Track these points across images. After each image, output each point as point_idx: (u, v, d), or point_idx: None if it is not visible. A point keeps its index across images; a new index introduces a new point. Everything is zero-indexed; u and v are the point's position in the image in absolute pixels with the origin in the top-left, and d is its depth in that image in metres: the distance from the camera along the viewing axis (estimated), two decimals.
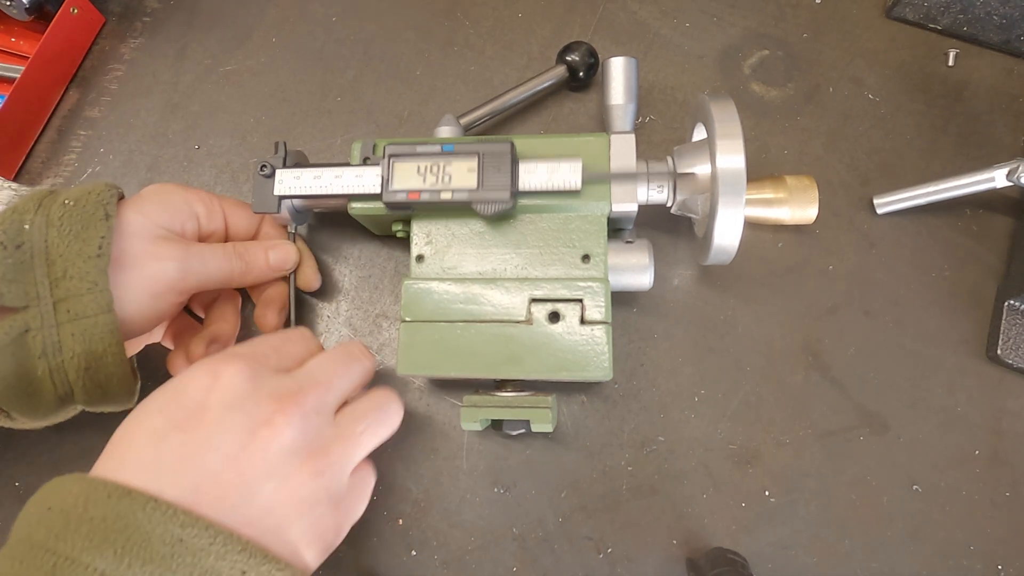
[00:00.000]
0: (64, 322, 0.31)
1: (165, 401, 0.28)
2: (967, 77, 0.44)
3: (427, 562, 0.38)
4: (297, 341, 0.33)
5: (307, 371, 0.31)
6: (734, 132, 0.33)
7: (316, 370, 0.31)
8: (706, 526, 0.38)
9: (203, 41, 0.48)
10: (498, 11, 0.47)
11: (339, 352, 0.33)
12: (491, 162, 0.34)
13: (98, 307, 0.31)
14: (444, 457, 0.40)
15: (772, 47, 0.45)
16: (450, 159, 0.35)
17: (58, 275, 0.31)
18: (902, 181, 0.41)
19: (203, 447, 0.26)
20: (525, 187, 0.34)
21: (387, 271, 0.43)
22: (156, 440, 0.26)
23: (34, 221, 0.31)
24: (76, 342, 0.31)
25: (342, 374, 0.32)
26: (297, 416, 0.28)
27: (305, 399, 0.29)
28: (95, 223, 0.32)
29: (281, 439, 0.27)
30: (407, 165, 0.35)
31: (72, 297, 0.31)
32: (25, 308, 0.30)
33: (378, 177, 0.35)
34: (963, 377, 0.39)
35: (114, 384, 0.33)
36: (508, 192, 0.34)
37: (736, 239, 0.33)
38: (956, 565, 0.37)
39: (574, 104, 0.45)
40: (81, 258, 0.31)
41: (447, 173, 0.35)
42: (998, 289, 0.40)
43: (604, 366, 0.33)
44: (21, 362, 0.31)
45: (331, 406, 0.31)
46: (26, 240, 0.31)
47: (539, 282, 0.35)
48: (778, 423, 0.39)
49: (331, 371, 0.31)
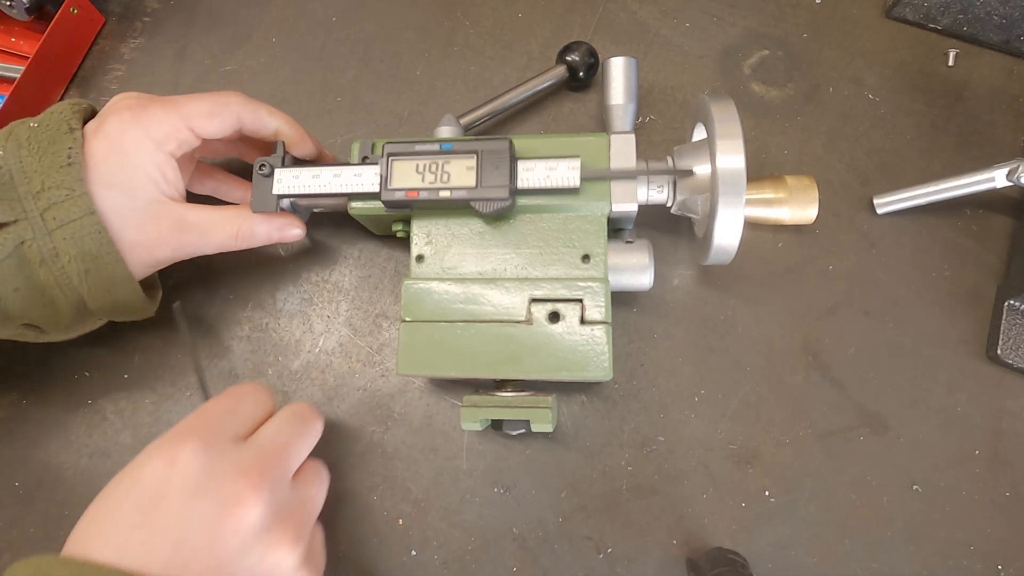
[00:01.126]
0: (54, 228, 0.32)
1: (123, 493, 0.28)
2: (967, 77, 0.44)
3: (427, 562, 0.38)
4: (251, 400, 0.33)
5: (266, 438, 0.31)
6: (734, 132, 0.33)
7: (275, 437, 0.31)
8: (706, 526, 0.38)
9: (203, 41, 0.48)
10: (498, 11, 0.47)
11: (292, 416, 0.33)
12: (490, 160, 0.34)
13: (79, 210, 0.32)
14: (444, 457, 0.40)
15: (772, 47, 0.45)
16: (449, 158, 0.35)
17: (37, 188, 0.32)
18: (902, 181, 0.41)
19: (168, 540, 0.26)
20: (524, 185, 0.34)
21: (387, 271, 0.43)
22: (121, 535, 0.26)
23: (6, 146, 0.33)
24: (69, 245, 0.32)
25: (298, 440, 0.32)
26: (266, 490, 0.28)
27: (271, 471, 0.29)
28: (60, 137, 0.33)
29: (252, 517, 0.27)
30: (406, 164, 0.35)
31: (55, 205, 0.32)
32: (16, 222, 0.32)
33: (377, 176, 0.35)
34: (963, 377, 0.39)
35: (119, 288, 0.34)
36: (507, 190, 0.34)
37: (736, 239, 0.33)
38: (956, 565, 0.37)
39: (574, 104, 0.45)
40: (53, 169, 0.32)
41: (446, 172, 0.35)
42: (998, 289, 0.40)
43: (604, 366, 0.33)
44: (27, 274, 0.32)
45: (291, 473, 0.31)
46: (2, 164, 0.32)
47: (539, 282, 0.35)
48: (778, 423, 0.39)
49: (288, 437, 0.31)
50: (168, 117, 0.34)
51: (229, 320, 0.43)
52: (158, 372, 0.42)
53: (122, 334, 0.42)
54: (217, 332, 0.42)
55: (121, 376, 0.42)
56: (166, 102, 0.35)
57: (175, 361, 0.42)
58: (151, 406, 0.41)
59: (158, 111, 0.34)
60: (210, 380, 0.41)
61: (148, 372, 0.42)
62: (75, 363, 0.42)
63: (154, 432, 0.41)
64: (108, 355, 0.42)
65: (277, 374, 0.42)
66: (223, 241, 0.37)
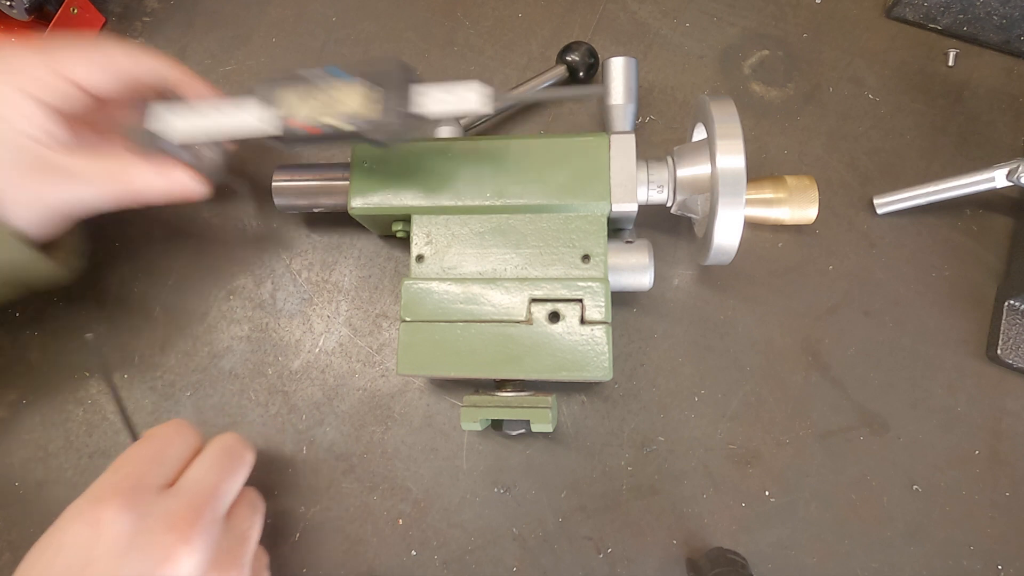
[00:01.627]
0: None
1: (47, 563, 0.26)
2: (967, 77, 0.44)
3: (427, 562, 0.38)
4: (176, 442, 0.31)
5: (194, 481, 0.30)
6: (734, 132, 0.33)
7: (204, 479, 0.30)
8: (706, 526, 0.38)
9: (203, 41, 0.48)
10: (498, 11, 0.47)
11: (221, 453, 0.32)
12: (381, 84, 0.31)
13: None
14: (444, 457, 0.40)
15: (772, 47, 0.45)
16: (336, 83, 0.31)
17: None
18: (902, 181, 0.41)
19: None
20: (421, 111, 0.32)
21: (387, 271, 0.43)
22: None
23: None
24: None
25: (228, 478, 0.31)
26: (198, 540, 0.27)
27: (202, 518, 0.28)
28: None
29: (185, 571, 0.26)
30: (290, 92, 0.32)
31: None
32: None
33: (263, 109, 0.32)
34: (963, 377, 0.39)
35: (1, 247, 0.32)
36: (399, 115, 0.31)
37: (736, 239, 0.33)
38: (956, 565, 0.37)
39: (574, 104, 0.45)
40: None
41: (334, 98, 0.31)
42: (998, 289, 0.40)
43: (604, 366, 0.33)
44: None
45: (224, 512, 0.30)
46: None
47: (539, 282, 0.35)
48: (778, 423, 0.39)
49: (218, 477, 0.30)
50: (35, 63, 0.32)
51: (229, 320, 0.43)
52: (158, 372, 0.42)
53: (122, 334, 0.42)
54: (217, 332, 0.42)
55: (121, 376, 0.42)
56: (37, 49, 0.32)
57: (175, 361, 0.42)
58: (151, 406, 0.41)
59: (25, 56, 0.32)
60: (212, 380, 0.42)
61: (148, 372, 0.42)
62: (75, 363, 0.42)
63: None
64: (108, 355, 0.42)
65: (277, 374, 0.42)
66: (108, 192, 0.34)
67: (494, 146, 0.37)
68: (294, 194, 0.39)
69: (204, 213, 0.44)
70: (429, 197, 0.36)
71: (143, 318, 0.43)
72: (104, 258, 0.44)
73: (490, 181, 0.36)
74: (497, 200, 0.36)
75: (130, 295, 0.43)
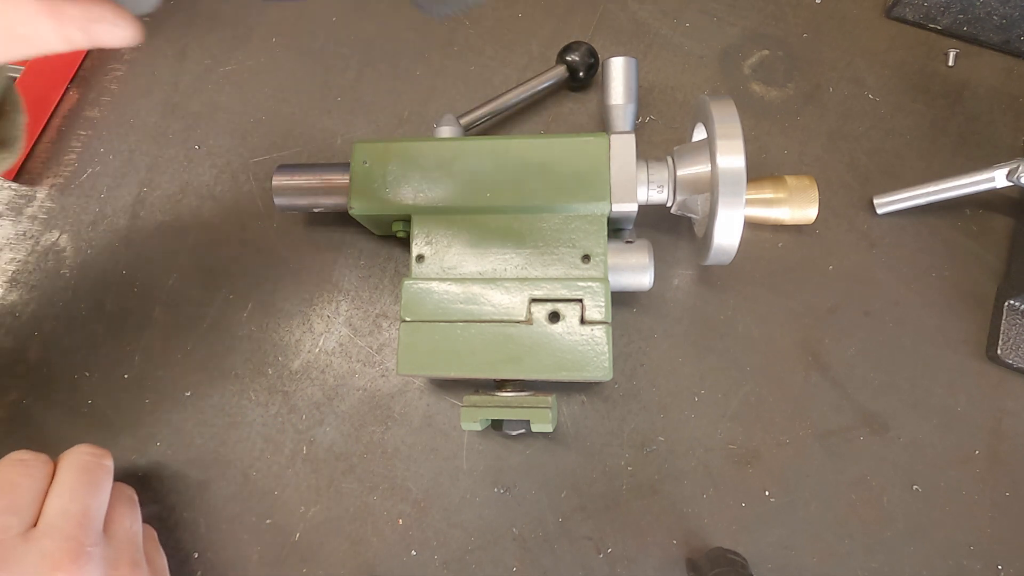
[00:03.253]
0: None
1: None
2: (967, 77, 0.44)
3: (427, 562, 0.38)
4: (22, 479, 0.29)
5: (59, 513, 0.28)
6: (734, 132, 0.33)
7: (68, 507, 0.29)
8: (706, 526, 0.38)
9: (203, 41, 0.48)
10: (498, 11, 0.47)
11: (77, 472, 0.30)
12: None
13: None
14: (444, 457, 0.40)
15: (772, 47, 0.45)
16: None
17: None
18: (902, 181, 0.41)
19: None
20: None
21: (387, 271, 0.43)
22: None
23: None
24: None
25: (93, 495, 0.30)
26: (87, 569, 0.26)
27: (82, 547, 0.27)
28: None
29: None
30: None
31: None
32: None
33: None
34: (963, 377, 0.39)
35: None
36: None
37: (736, 239, 0.33)
38: (956, 565, 0.37)
39: (574, 104, 0.45)
40: None
41: None
42: (998, 289, 0.40)
43: (604, 366, 0.33)
44: None
45: (101, 527, 0.29)
46: None
47: (539, 282, 0.35)
48: (778, 423, 0.39)
49: (83, 500, 0.29)
50: None
51: (229, 320, 0.43)
52: (158, 372, 0.42)
53: (122, 334, 0.42)
54: (217, 332, 0.42)
55: (121, 376, 0.42)
56: None
57: (175, 361, 0.42)
58: (151, 406, 0.41)
59: None
60: (211, 380, 0.42)
61: (148, 372, 0.42)
62: (75, 363, 0.42)
63: (153, 432, 0.41)
64: (108, 355, 0.42)
65: (277, 374, 0.42)
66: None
67: (494, 146, 0.37)
68: (294, 194, 0.39)
69: (205, 213, 0.44)
70: (429, 197, 0.36)
71: (143, 318, 0.43)
72: (104, 258, 0.44)
73: (490, 181, 0.36)
74: (497, 200, 0.36)
75: (130, 295, 0.43)
